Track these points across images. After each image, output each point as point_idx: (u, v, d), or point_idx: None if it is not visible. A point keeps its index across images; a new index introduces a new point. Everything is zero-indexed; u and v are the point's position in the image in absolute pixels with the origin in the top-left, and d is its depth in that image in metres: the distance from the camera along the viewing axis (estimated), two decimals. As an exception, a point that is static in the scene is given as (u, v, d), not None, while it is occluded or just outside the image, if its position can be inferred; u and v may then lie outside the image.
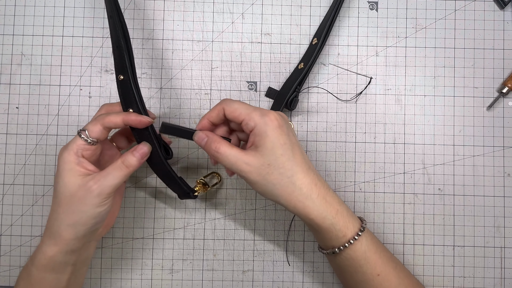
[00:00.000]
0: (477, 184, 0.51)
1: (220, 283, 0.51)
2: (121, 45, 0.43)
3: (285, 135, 0.39)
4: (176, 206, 0.51)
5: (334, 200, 0.41)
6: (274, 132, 0.39)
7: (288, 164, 0.39)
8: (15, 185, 0.51)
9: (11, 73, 0.51)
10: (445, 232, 0.51)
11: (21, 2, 0.52)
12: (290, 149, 0.39)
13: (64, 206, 0.39)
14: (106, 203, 0.40)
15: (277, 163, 0.39)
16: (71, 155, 0.39)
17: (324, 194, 0.41)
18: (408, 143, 0.51)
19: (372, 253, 0.42)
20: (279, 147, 0.39)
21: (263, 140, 0.39)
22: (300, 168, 0.40)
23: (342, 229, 0.41)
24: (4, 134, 0.51)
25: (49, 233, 0.40)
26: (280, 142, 0.39)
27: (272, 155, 0.39)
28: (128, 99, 0.43)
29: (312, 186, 0.40)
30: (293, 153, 0.39)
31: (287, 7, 0.52)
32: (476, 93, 0.52)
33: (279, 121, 0.39)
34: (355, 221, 0.42)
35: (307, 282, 0.51)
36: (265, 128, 0.39)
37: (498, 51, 0.52)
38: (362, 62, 0.52)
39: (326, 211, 0.40)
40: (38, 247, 0.41)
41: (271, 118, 0.39)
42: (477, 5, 0.52)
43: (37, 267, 0.40)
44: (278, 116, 0.40)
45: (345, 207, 0.42)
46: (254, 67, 0.52)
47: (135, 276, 0.51)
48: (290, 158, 0.39)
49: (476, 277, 0.51)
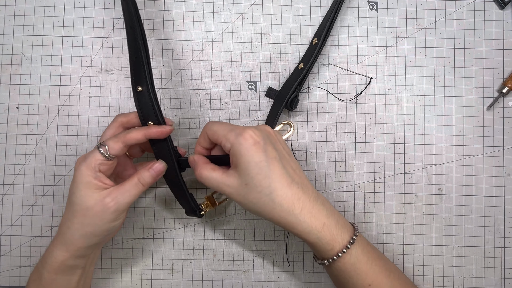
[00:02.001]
0: (477, 184, 0.51)
1: (220, 283, 0.51)
2: (141, 56, 0.43)
3: (261, 152, 0.38)
4: (176, 206, 0.51)
5: (320, 213, 0.40)
6: (248, 151, 0.38)
7: (265, 182, 0.38)
8: (15, 185, 0.51)
9: (11, 73, 0.51)
10: (445, 232, 0.51)
11: (21, 2, 0.52)
12: (267, 166, 0.38)
13: (79, 217, 0.40)
14: (120, 217, 0.41)
15: (253, 182, 0.38)
16: (89, 169, 0.40)
17: (309, 207, 0.40)
18: (408, 143, 0.51)
19: (362, 263, 0.41)
20: (254, 166, 0.38)
21: (239, 161, 0.38)
22: (280, 184, 0.39)
23: (329, 242, 0.40)
24: (4, 134, 0.51)
25: (62, 240, 0.41)
26: (255, 160, 0.38)
27: (247, 175, 0.38)
28: (146, 111, 0.43)
29: (294, 201, 0.39)
30: (270, 170, 0.38)
31: (287, 7, 0.52)
32: (476, 93, 0.52)
33: (255, 138, 0.38)
34: (345, 232, 0.41)
35: (307, 282, 0.51)
36: (239, 148, 0.38)
37: (498, 51, 0.52)
38: (362, 62, 0.52)
39: (310, 226, 0.40)
40: (49, 251, 0.42)
41: (245, 137, 0.38)
42: (477, 5, 0.52)
43: (48, 270, 0.41)
44: (254, 133, 0.39)
45: (335, 218, 0.41)
46: (254, 67, 0.52)
47: (135, 276, 0.51)
48: (266, 176, 0.38)
49: (476, 277, 0.51)
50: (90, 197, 0.40)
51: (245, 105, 0.52)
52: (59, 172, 0.51)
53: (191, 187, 0.51)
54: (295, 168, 0.41)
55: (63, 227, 0.41)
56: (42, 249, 0.51)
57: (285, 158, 0.40)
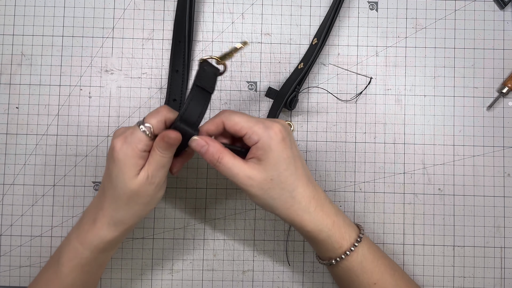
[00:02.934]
0: (477, 184, 0.51)
1: (220, 283, 0.51)
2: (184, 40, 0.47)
3: (288, 149, 0.38)
4: (176, 206, 0.51)
5: (331, 211, 0.41)
6: (278, 146, 0.38)
7: (290, 179, 0.39)
8: (15, 185, 0.51)
9: (11, 73, 0.51)
10: (445, 232, 0.51)
11: (21, 2, 0.52)
12: (293, 163, 0.39)
13: (126, 200, 0.39)
14: (163, 187, 0.40)
15: (279, 178, 0.38)
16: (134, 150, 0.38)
17: (321, 206, 0.40)
18: (408, 143, 0.51)
19: (369, 262, 0.41)
20: (283, 161, 0.38)
21: (267, 155, 0.38)
22: (301, 182, 0.39)
23: (338, 240, 0.41)
24: (4, 134, 0.51)
25: (110, 221, 0.40)
26: (284, 156, 0.38)
27: (276, 170, 0.38)
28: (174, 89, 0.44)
29: (311, 199, 0.40)
30: (295, 167, 0.39)
31: (287, 7, 0.52)
32: (476, 93, 0.52)
33: (283, 134, 0.38)
34: (352, 231, 0.42)
35: (307, 282, 0.51)
36: (269, 142, 0.38)
37: (498, 51, 0.52)
38: (362, 62, 0.52)
39: (322, 224, 0.40)
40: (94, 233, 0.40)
41: (275, 131, 0.38)
42: (477, 5, 0.52)
43: (92, 250, 0.41)
44: (282, 128, 0.38)
45: (342, 217, 0.42)
46: (254, 67, 0.52)
47: (135, 276, 0.51)
48: (292, 173, 0.39)
49: (476, 277, 0.51)
50: (134, 181, 0.38)
51: (245, 105, 0.52)
52: (59, 172, 0.51)
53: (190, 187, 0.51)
54: (305, 168, 0.41)
55: (108, 210, 0.40)
56: (42, 249, 0.51)
57: (300, 156, 0.41)
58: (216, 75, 0.39)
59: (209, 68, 0.39)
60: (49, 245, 0.51)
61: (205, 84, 0.38)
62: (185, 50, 0.49)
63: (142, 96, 0.51)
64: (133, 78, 0.52)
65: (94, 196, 0.51)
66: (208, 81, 0.39)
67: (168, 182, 0.51)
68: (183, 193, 0.51)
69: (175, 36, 0.51)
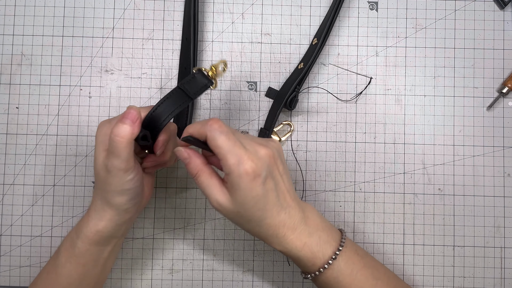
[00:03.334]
0: (477, 184, 0.51)
1: (220, 283, 0.51)
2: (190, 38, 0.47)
3: (258, 186, 0.37)
4: (176, 206, 0.51)
5: (302, 234, 0.40)
6: (248, 185, 0.36)
7: (257, 214, 0.38)
8: (15, 185, 0.51)
9: (11, 73, 0.51)
10: (445, 232, 0.51)
11: (21, 2, 0.52)
12: (263, 199, 0.38)
13: (100, 178, 0.39)
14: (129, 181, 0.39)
15: (246, 213, 0.38)
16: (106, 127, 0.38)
17: (292, 231, 0.40)
18: (408, 143, 0.51)
19: (345, 276, 0.41)
20: (250, 200, 0.37)
21: (235, 191, 0.37)
22: (270, 213, 0.39)
23: (310, 260, 0.41)
24: (4, 134, 0.51)
25: (95, 207, 0.41)
26: (252, 195, 0.37)
27: (242, 207, 0.37)
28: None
29: (280, 228, 0.39)
30: (265, 203, 0.38)
31: (287, 7, 0.52)
32: (476, 93, 0.52)
33: (256, 172, 0.36)
34: (328, 248, 0.41)
35: (307, 282, 0.51)
36: (238, 180, 0.36)
37: (498, 51, 0.52)
38: (362, 62, 0.52)
39: (291, 247, 0.40)
40: (85, 222, 0.41)
41: (246, 170, 0.36)
42: (477, 5, 0.52)
43: (83, 240, 0.41)
44: (256, 165, 0.36)
45: (318, 235, 0.41)
46: (254, 67, 0.52)
47: (135, 276, 0.51)
48: (260, 208, 0.38)
49: (476, 277, 0.51)
50: (98, 160, 0.38)
51: (245, 105, 0.52)
52: (59, 172, 0.51)
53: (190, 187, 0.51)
54: (288, 190, 0.40)
55: (93, 196, 0.41)
56: (42, 249, 0.51)
57: (280, 184, 0.39)
58: (206, 86, 0.39)
59: (200, 78, 0.39)
60: (49, 245, 0.51)
61: (189, 89, 0.39)
62: (192, 48, 0.49)
63: (142, 96, 0.51)
64: (133, 78, 0.52)
65: (94, 196, 0.51)
66: (194, 88, 0.39)
67: (168, 182, 0.51)
68: (183, 193, 0.51)
69: (183, 33, 0.51)
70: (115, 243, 0.44)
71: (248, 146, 0.37)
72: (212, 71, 0.39)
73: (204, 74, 0.39)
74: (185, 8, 0.52)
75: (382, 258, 0.51)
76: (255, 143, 0.38)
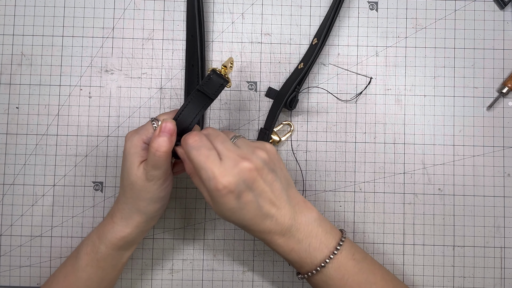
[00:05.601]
0: (477, 184, 0.51)
1: (220, 283, 0.51)
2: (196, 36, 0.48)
3: (233, 201, 0.37)
4: (176, 206, 0.51)
5: (290, 241, 0.40)
6: (220, 200, 0.37)
7: (237, 221, 0.39)
8: (15, 185, 0.51)
9: (11, 73, 0.51)
10: (445, 232, 0.51)
11: (21, 2, 0.52)
12: (239, 211, 0.38)
13: (129, 192, 0.40)
14: (163, 186, 0.41)
15: (227, 219, 0.39)
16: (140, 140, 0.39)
17: (278, 237, 0.40)
18: (408, 143, 0.51)
19: (336, 281, 0.41)
20: (227, 211, 0.38)
21: (213, 203, 0.38)
22: (252, 222, 0.39)
23: (297, 263, 0.41)
24: (4, 134, 0.51)
25: (121, 215, 0.42)
26: (227, 207, 0.37)
27: (222, 215, 0.39)
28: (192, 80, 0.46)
29: (265, 233, 0.40)
30: (242, 213, 0.38)
31: (287, 7, 0.52)
32: (476, 93, 0.52)
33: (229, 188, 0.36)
34: (318, 254, 0.41)
35: (307, 282, 0.51)
36: (211, 194, 0.37)
37: (498, 51, 0.52)
38: (362, 62, 0.52)
39: (278, 250, 0.41)
40: (109, 226, 0.42)
41: (216, 187, 0.36)
42: (477, 5, 0.52)
43: (107, 245, 0.42)
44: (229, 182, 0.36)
45: (308, 242, 0.40)
46: (254, 67, 0.52)
47: (135, 276, 0.51)
48: (239, 218, 0.38)
49: (476, 277, 0.51)
50: (134, 171, 0.39)
51: (245, 105, 0.52)
52: (59, 172, 0.51)
53: (190, 187, 0.51)
54: (278, 197, 0.39)
55: (120, 203, 0.42)
56: (42, 249, 0.51)
57: (265, 194, 0.38)
58: (223, 86, 0.41)
59: (216, 78, 0.40)
60: (49, 245, 0.51)
61: (208, 90, 0.40)
62: (199, 44, 0.49)
63: (142, 96, 0.51)
64: (133, 78, 0.52)
65: (95, 196, 0.51)
66: (212, 88, 0.40)
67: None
68: (183, 193, 0.51)
69: (188, 30, 0.51)
70: (134, 248, 0.45)
71: (226, 159, 0.37)
72: (223, 70, 0.41)
73: (219, 74, 0.41)
74: (188, 5, 0.52)
75: (382, 258, 0.51)
76: (238, 155, 0.37)
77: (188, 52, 0.51)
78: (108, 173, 0.51)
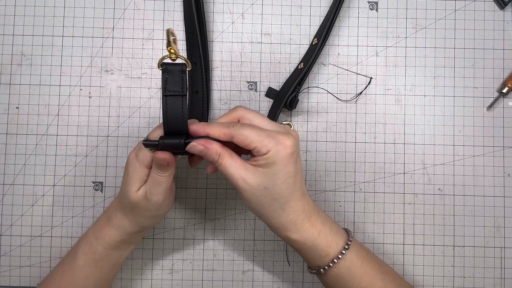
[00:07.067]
0: (477, 184, 0.51)
1: (220, 283, 0.51)
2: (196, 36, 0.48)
3: (292, 163, 0.38)
4: (176, 206, 0.51)
5: (317, 221, 0.41)
6: (283, 160, 0.37)
7: (285, 192, 0.38)
8: (15, 185, 0.51)
9: (11, 73, 0.51)
10: (445, 232, 0.51)
11: (21, 2, 0.52)
12: (292, 177, 0.38)
13: (129, 209, 0.42)
14: (165, 202, 0.42)
15: (274, 189, 0.38)
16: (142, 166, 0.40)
17: (309, 216, 0.41)
18: (408, 143, 0.51)
19: (357, 267, 0.42)
20: (283, 175, 0.38)
21: (269, 165, 0.37)
22: (294, 196, 0.39)
23: (324, 248, 0.41)
24: (4, 134, 0.51)
25: (119, 224, 0.43)
26: (286, 170, 0.38)
27: (272, 181, 0.38)
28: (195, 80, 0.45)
29: (300, 213, 0.40)
30: (294, 182, 0.38)
31: (287, 7, 0.52)
32: (476, 93, 0.52)
33: (292, 149, 0.37)
34: (340, 238, 0.42)
35: (307, 282, 0.51)
36: (275, 157, 0.37)
37: (498, 51, 0.52)
38: (362, 62, 0.52)
39: (308, 234, 0.40)
40: (107, 230, 0.43)
41: (285, 147, 0.37)
42: (477, 5, 0.52)
43: (105, 246, 0.43)
44: (293, 143, 0.38)
45: (329, 225, 0.42)
46: (254, 67, 0.52)
47: (135, 276, 0.51)
48: (289, 187, 0.38)
49: (476, 277, 0.51)
50: (134, 194, 0.40)
51: (245, 105, 0.52)
52: (59, 172, 0.51)
53: (190, 187, 0.51)
54: (303, 178, 0.41)
55: (118, 213, 0.43)
56: (42, 249, 0.51)
57: (301, 170, 0.40)
58: (183, 71, 0.37)
59: (171, 68, 0.37)
60: (49, 245, 0.51)
61: (174, 88, 0.37)
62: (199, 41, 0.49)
63: (142, 96, 0.51)
64: (133, 78, 0.52)
65: (95, 196, 0.51)
66: (176, 83, 0.37)
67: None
68: (183, 193, 0.51)
69: (187, 29, 0.51)
70: (133, 247, 0.46)
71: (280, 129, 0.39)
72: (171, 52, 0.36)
73: (171, 63, 0.37)
74: (184, 3, 0.51)
75: (382, 258, 0.51)
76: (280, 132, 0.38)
77: (188, 51, 0.51)
78: (108, 173, 0.51)
